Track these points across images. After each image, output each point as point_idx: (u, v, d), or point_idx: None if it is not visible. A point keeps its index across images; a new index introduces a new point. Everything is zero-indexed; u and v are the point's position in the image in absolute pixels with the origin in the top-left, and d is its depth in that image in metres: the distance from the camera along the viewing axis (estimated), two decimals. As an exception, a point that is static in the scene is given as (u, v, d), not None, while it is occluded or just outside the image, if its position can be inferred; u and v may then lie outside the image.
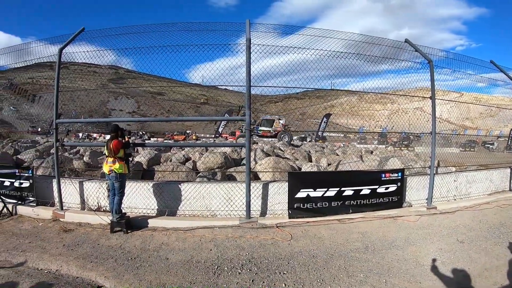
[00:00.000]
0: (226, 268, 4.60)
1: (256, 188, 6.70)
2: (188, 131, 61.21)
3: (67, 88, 7.32)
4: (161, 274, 4.46)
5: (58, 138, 7.48)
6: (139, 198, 6.94)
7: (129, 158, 6.67)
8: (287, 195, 6.62)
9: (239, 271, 4.54)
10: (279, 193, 6.78)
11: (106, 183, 7.06)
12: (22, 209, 7.62)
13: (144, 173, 9.53)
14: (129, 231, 6.10)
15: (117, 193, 6.24)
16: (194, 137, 51.90)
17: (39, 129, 45.98)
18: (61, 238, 5.99)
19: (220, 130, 50.87)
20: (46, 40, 8.37)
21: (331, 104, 56.40)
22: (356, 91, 8.87)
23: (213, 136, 53.22)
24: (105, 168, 6.25)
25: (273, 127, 34.34)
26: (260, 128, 35.17)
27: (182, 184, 6.96)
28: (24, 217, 7.39)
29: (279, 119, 35.73)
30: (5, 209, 7.59)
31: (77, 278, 4.53)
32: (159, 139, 48.22)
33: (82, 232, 6.29)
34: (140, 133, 55.89)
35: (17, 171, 7.85)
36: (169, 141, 41.63)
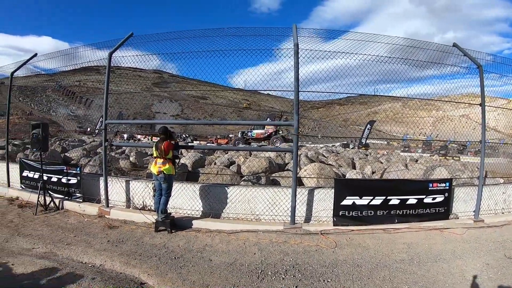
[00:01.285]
0: (270, 273, 4.54)
1: (302, 194, 6.58)
2: (230, 135, 61.82)
3: (113, 91, 7.52)
4: (204, 275, 4.45)
5: (107, 138, 7.67)
6: (184, 199, 7.01)
7: (176, 160, 6.73)
8: (333, 202, 6.47)
9: (283, 276, 4.46)
10: (324, 200, 6.64)
11: (152, 183, 7.18)
12: (68, 204, 7.90)
13: (189, 175, 9.59)
14: (173, 231, 6.15)
15: (164, 193, 6.31)
16: None
17: (88, 129, 47.99)
18: (106, 234, 6.13)
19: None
20: (93, 45, 8.67)
21: (374, 110, 55.41)
22: (400, 97, 8.56)
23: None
24: (154, 169, 6.31)
25: (264, 129, 36.24)
26: (254, 131, 37.79)
27: (228, 187, 6.97)
28: (70, 212, 7.65)
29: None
30: (52, 203, 7.88)
31: (120, 273, 4.59)
32: (202, 142, 48.81)
33: (126, 229, 6.42)
34: (184, 136, 56.72)
35: (65, 168, 8.13)
36: (212, 144, 42.15)
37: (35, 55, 9.73)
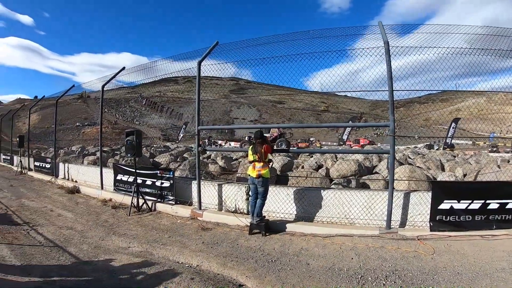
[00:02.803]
0: (370, 278, 4.44)
1: (396, 198, 6.35)
2: (311, 139, 62.04)
3: (193, 99, 7.85)
4: (303, 279, 4.43)
5: (200, 143, 7.97)
6: (277, 202, 7.06)
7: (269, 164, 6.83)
8: (430, 206, 6.18)
9: (384, 282, 4.34)
10: (419, 204, 6.36)
11: (245, 187, 7.38)
12: (161, 206, 8.33)
13: (278, 178, 9.71)
14: (267, 234, 6.21)
15: (260, 197, 6.40)
16: (318, 144, 52.36)
17: (181, 136, 51.11)
18: (200, 235, 6.35)
19: (344, 137, 50.37)
20: (171, 58, 9.18)
21: (457, 107, 52.28)
22: (483, 91, 7.94)
23: (335, 143, 53.40)
24: (253, 173, 6.41)
25: (270, 133, 37.56)
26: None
27: (322, 190, 6.90)
28: (163, 214, 8.06)
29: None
30: (145, 205, 8.37)
31: (218, 275, 4.67)
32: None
33: (220, 231, 6.60)
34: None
35: (158, 172, 8.58)
36: (293, 148, 42.96)
37: (123, 68, 10.43)
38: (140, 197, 8.46)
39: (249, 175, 6.56)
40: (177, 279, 4.43)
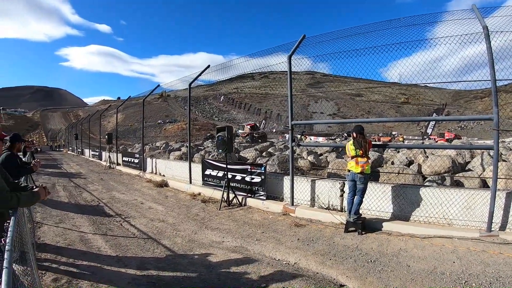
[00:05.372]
0: (474, 284, 4.25)
1: (498, 198, 5.90)
2: (393, 133, 60.48)
3: (270, 94, 8.08)
4: (405, 282, 4.33)
5: (293, 138, 8.06)
6: (372, 200, 6.93)
7: None
8: (535, 208, 5.67)
9: (488, 289, 4.13)
10: (522, 205, 5.89)
11: (339, 183, 7.35)
12: (251, 201, 8.55)
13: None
14: (363, 233, 6.15)
15: (360, 194, 6.30)
16: (400, 139, 50.82)
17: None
18: (294, 232, 6.41)
19: (428, 131, 48.39)
20: (248, 56, 9.42)
21: None
22: None
23: (416, 138, 51.66)
24: (356, 168, 6.28)
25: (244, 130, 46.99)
26: (239, 131, 51.00)
27: (419, 188, 6.66)
28: (253, 209, 8.25)
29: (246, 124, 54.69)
30: (235, 199, 8.67)
31: (317, 273, 4.66)
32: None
33: (314, 228, 6.63)
34: (345, 134, 56.18)
35: (249, 167, 8.81)
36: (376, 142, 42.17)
37: (208, 66, 10.78)
38: (231, 191, 8.76)
39: (349, 170, 6.44)
40: (277, 277, 4.50)
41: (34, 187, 3.68)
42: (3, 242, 2.58)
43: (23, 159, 8.13)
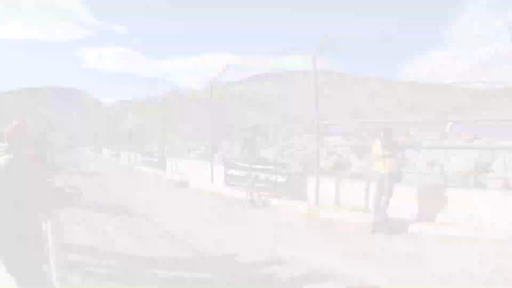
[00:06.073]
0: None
1: None
2: (411, 133, 59.00)
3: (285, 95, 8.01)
4: (444, 284, 4.17)
5: (319, 138, 8.02)
6: (396, 200, 6.54)
7: None
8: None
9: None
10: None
11: (364, 183, 7.27)
12: (275, 201, 8.47)
13: None
14: (390, 233, 6.02)
15: (388, 194, 6.20)
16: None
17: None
18: (320, 232, 6.37)
19: (447, 131, 46.82)
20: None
21: None
22: None
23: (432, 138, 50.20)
24: (384, 169, 6.24)
25: None
26: None
27: (446, 189, 6.57)
28: (278, 209, 8.15)
29: None
30: (259, 199, 8.59)
31: (347, 275, 4.47)
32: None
33: (340, 229, 6.52)
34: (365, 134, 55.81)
35: (273, 167, 8.82)
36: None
37: (228, 66, 10.85)
38: (255, 191, 8.70)
39: (376, 171, 6.41)
40: (308, 278, 4.40)
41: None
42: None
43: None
